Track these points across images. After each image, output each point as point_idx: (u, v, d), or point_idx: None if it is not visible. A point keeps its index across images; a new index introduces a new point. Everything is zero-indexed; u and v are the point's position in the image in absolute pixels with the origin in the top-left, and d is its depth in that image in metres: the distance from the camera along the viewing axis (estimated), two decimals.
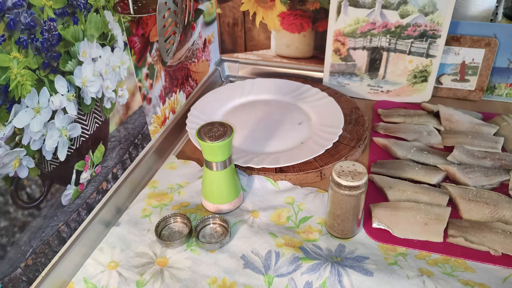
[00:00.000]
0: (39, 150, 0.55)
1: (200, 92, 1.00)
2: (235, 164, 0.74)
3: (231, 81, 1.11)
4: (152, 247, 0.65)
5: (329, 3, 0.93)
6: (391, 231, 0.65)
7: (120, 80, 0.69)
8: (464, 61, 0.93)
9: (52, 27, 0.53)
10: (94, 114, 0.64)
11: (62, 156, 0.59)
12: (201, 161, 0.82)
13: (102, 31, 0.63)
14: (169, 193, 0.75)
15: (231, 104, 0.95)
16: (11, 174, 0.51)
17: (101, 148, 0.67)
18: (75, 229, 0.64)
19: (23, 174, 0.53)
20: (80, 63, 0.59)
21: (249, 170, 0.77)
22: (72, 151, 0.61)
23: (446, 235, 0.64)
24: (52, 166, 0.57)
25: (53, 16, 0.53)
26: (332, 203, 0.63)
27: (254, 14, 1.04)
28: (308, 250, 0.63)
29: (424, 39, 0.90)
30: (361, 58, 0.96)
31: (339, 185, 0.59)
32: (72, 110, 0.59)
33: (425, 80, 0.94)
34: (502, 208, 0.67)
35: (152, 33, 0.77)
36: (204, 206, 0.72)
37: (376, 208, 0.68)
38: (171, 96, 0.89)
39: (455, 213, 0.68)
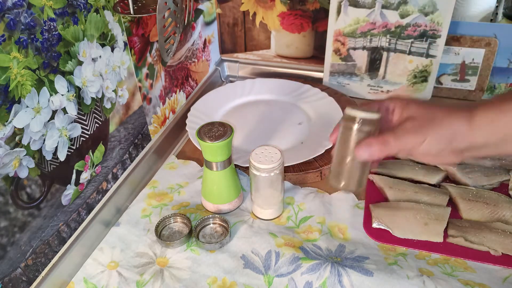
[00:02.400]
0: (39, 150, 0.55)
1: (200, 92, 1.00)
2: (235, 164, 0.74)
3: (231, 81, 1.11)
4: (152, 247, 0.65)
5: (329, 3, 0.93)
6: (391, 231, 0.65)
7: (120, 80, 0.69)
8: (464, 61, 0.93)
9: (52, 27, 0.53)
10: (94, 114, 0.64)
11: (62, 156, 0.59)
12: (201, 161, 0.82)
13: (102, 31, 0.63)
14: (169, 193, 0.75)
15: (231, 104, 0.95)
16: (11, 174, 0.51)
17: (101, 148, 0.67)
18: (75, 229, 0.64)
19: (23, 174, 0.53)
20: (80, 63, 0.59)
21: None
22: (72, 151, 0.61)
23: (446, 235, 0.64)
24: (52, 166, 0.57)
25: (53, 16, 0.53)
26: (341, 141, 0.54)
27: (254, 14, 1.04)
28: (308, 250, 0.63)
29: (424, 39, 0.90)
30: (361, 58, 0.96)
31: (352, 120, 0.52)
32: (72, 110, 0.59)
33: (425, 80, 0.94)
34: (502, 208, 0.67)
35: (152, 33, 0.77)
36: (204, 206, 0.72)
37: (376, 208, 0.68)
38: (171, 96, 0.89)
39: (455, 213, 0.68)
